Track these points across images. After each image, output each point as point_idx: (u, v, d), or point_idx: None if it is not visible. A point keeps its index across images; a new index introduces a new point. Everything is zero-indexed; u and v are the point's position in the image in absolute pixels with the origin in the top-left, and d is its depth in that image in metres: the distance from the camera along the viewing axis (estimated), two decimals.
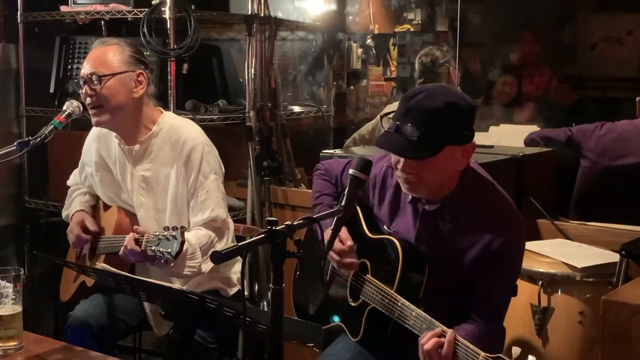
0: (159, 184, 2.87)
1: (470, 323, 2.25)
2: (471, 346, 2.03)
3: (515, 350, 1.90)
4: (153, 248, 2.54)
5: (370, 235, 2.44)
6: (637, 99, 3.65)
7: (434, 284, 2.27)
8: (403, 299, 2.22)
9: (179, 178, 2.83)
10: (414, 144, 2.14)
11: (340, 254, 2.37)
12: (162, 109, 2.98)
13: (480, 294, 2.27)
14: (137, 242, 2.62)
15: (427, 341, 2.10)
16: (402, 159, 2.21)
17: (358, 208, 2.48)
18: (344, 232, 2.37)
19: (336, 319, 2.48)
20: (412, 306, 2.19)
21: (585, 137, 3.67)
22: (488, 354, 1.96)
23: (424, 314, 2.16)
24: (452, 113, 2.17)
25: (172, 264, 2.56)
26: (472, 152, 2.26)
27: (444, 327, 2.11)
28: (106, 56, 2.79)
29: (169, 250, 2.50)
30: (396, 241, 2.31)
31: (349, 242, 2.36)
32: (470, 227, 2.27)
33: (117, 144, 2.91)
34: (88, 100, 2.78)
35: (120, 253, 2.68)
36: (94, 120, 2.81)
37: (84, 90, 2.78)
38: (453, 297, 2.29)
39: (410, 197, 2.37)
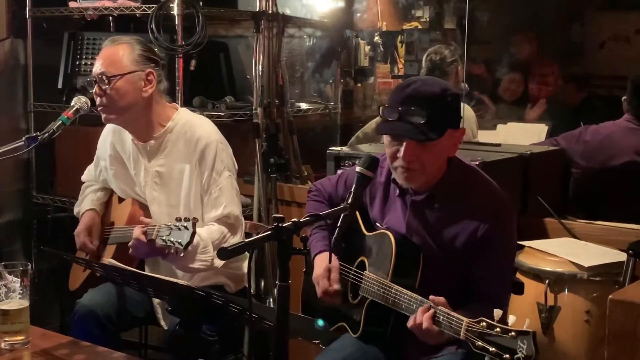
0: (173, 179, 2.87)
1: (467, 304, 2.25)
2: (454, 314, 2.04)
3: (497, 313, 1.92)
4: (164, 238, 2.54)
5: (366, 232, 2.48)
6: (623, 98, 3.65)
7: (430, 274, 2.29)
8: (397, 285, 2.25)
9: (192, 175, 2.83)
10: (421, 127, 2.21)
11: (325, 293, 2.41)
12: (177, 106, 2.99)
13: (474, 281, 2.30)
14: (146, 234, 2.64)
15: (414, 319, 2.12)
16: (402, 148, 2.25)
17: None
18: (334, 273, 2.41)
19: (338, 317, 2.49)
20: (405, 290, 2.22)
21: (572, 144, 3.67)
22: (472, 319, 1.96)
23: (415, 295, 2.18)
24: (449, 97, 2.29)
25: (181, 254, 2.56)
26: (461, 138, 2.35)
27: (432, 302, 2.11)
28: (115, 56, 2.80)
29: (179, 240, 2.50)
30: (389, 233, 2.35)
31: (336, 286, 2.39)
32: (458, 214, 2.31)
33: (131, 140, 2.93)
34: (98, 100, 2.81)
35: (129, 244, 2.68)
36: (102, 117, 2.85)
37: (94, 89, 2.80)
38: (450, 286, 2.29)
39: (398, 190, 2.40)
